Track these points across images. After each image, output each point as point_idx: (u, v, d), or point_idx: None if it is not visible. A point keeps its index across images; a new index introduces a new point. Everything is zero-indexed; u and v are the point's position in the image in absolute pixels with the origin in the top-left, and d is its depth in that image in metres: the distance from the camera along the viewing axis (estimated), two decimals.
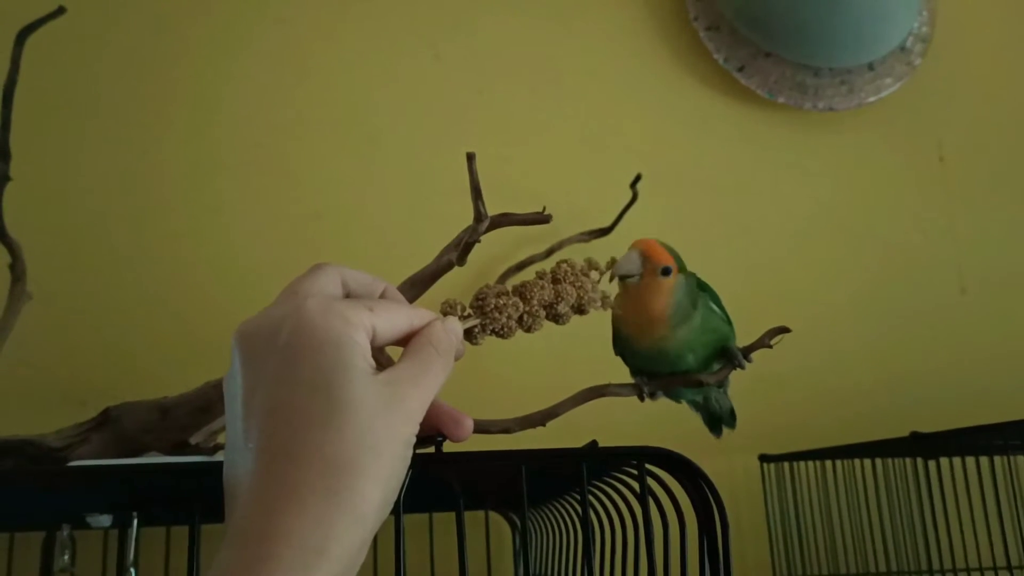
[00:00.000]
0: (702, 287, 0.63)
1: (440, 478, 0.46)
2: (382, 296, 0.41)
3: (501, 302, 0.46)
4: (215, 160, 1.04)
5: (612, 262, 0.55)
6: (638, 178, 1.04)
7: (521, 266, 1.05)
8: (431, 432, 0.40)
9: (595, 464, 0.47)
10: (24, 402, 0.87)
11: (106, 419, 0.66)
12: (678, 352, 0.60)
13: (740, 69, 1.17)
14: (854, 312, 1.16)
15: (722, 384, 0.66)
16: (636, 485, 0.51)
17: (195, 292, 0.97)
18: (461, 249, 0.57)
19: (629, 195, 1.05)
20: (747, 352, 0.61)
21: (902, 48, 1.21)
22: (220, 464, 0.37)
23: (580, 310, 0.49)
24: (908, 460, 0.89)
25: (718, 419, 0.70)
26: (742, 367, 0.60)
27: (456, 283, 1.04)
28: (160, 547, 0.86)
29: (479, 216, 0.53)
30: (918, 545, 0.86)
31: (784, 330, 0.59)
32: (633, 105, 1.17)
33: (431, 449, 0.43)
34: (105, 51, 1.04)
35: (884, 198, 1.20)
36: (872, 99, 1.19)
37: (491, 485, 0.65)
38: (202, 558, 0.49)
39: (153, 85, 1.04)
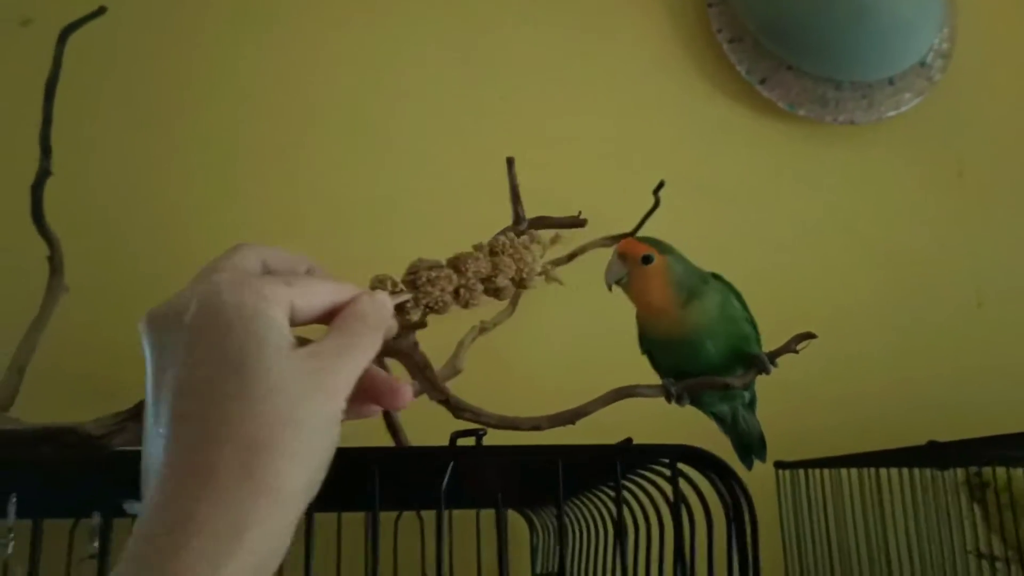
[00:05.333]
0: (728, 286, 0.64)
1: (478, 473, 0.47)
2: (307, 274, 0.39)
3: (433, 275, 0.44)
4: (238, 165, 1.06)
5: (556, 237, 0.53)
6: (661, 184, 1.05)
7: (541, 271, 1.06)
8: (367, 404, 0.38)
9: (628, 461, 0.48)
10: (56, 393, 0.88)
11: (143, 409, 0.67)
12: (696, 338, 0.62)
13: (762, 81, 1.18)
14: (871, 324, 1.17)
15: (750, 399, 0.67)
16: (663, 483, 0.53)
17: None
18: None
19: (651, 202, 1.07)
20: (773, 357, 0.62)
21: (922, 63, 1.22)
22: None
23: (521, 284, 0.47)
24: (926, 471, 0.90)
25: (748, 447, 0.72)
26: (767, 372, 0.62)
27: None
28: None
29: (518, 219, 0.54)
30: (932, 555, 0.87)
31: (810, 336, 0.60)
32: (656, 114, 1.19)
33: (471, 441, 0.44)
34: (141, 51, 1.06)
35: (903, 212, 1.21)
36: (892, 113, 1.20)
37: (514, 481, 0.67)
38: None
39: (179, 82, 1.06)
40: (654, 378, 0.69)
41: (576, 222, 0.59)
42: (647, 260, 0.62)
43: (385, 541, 0.88)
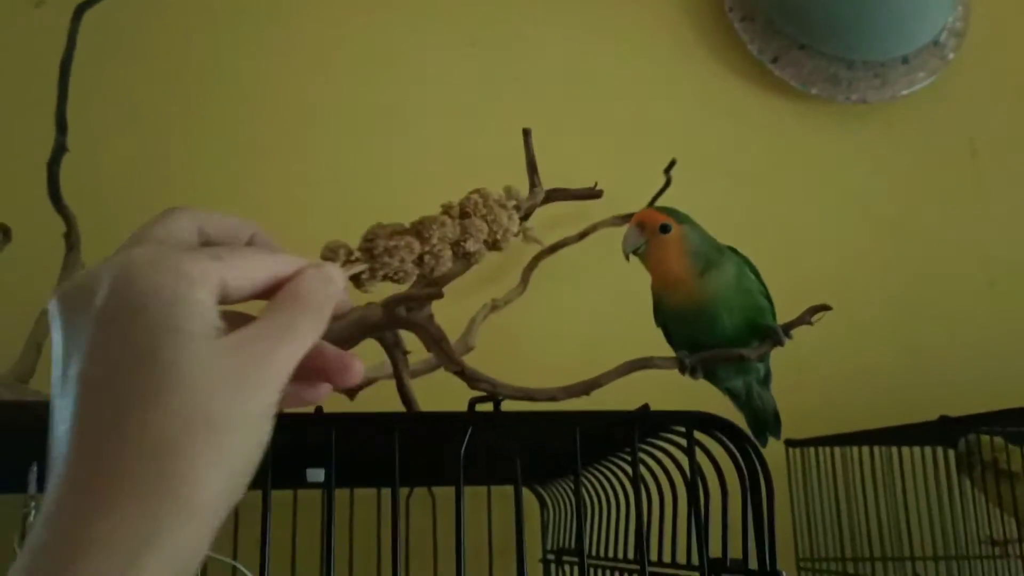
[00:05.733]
0: (743, 258, 0.65)
1: (493, 445, 0.47)
2: (250, 243, 0.35)
3: (392, 244, 0.40)
4: (263, 142, 1.06)
5: (534, 193, 0.51)
6: (672, 163, 1.06)
7: (553, 249, 1.07)
8: (315, 384, 0.35)
9: (646, 427, 0.48)
10: None
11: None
12: (712, 308, 0.63)
13: (774, 60, 1.18)
14: (883, 302, 1.17)
15: (765, 374, 0.68)
16: (677, 452, 0.53)
17: None
18: None
19: (662, 181, 1.07)
20: (787, 329, 0.62)
21: (936, 42, 1.21)
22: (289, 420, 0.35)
23: (495, 246, 0.44)
24: (938, 448, 0.90)
25: (763, 423, 0.72)
26: (781, 343, 0.62)
27: (488, 264, 1.06)
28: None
29: (535, 187, 0.55)
30: (946, 531, 0.87)
31: (825, 308, 0.60)
32: (667, 93, 1.19)
33: (489, 407, 0.44)
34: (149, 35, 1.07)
35: (915, 190, 1.21)
36: (905, 92, 1.20)
37: (527, 457, 0.67)
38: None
39: (190, 66, 1.07)
40: (668, 354, 0.69)
41: (592, 193, 0.59)
42: (665, 229, 0.62)
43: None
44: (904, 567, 0.95)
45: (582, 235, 1.09)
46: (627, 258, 0.65)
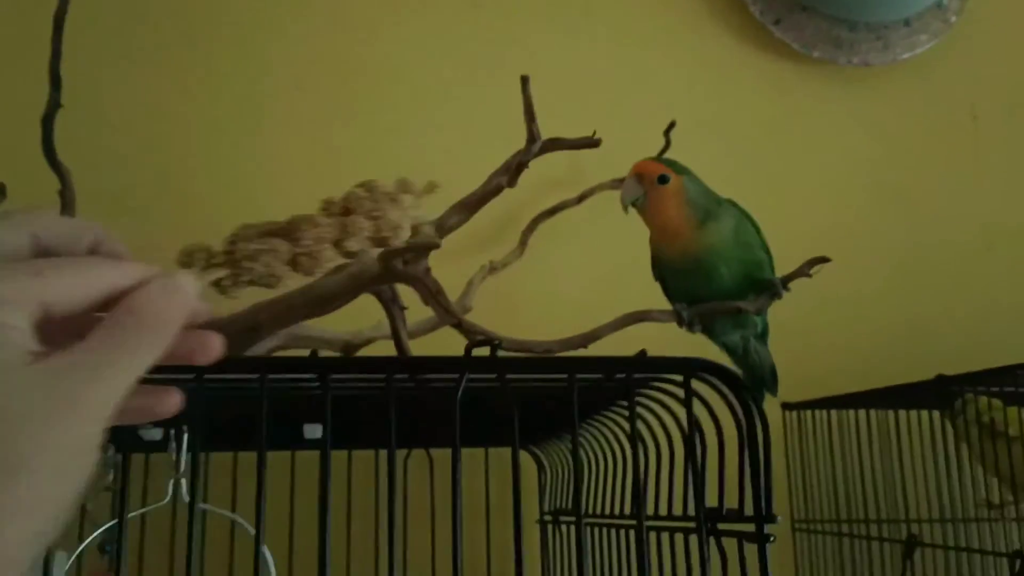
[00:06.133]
0: (743, 212, 0.64)
1: (489, 399, 0.47)
2: (92, 249, 0.32)
3: (254, 248, 0.38)
4: (259, 98, 1.05)
5: (431, 186, 0.48)
6: (672, 125, 1.05)
7: (552, 211, 1.07)
8: (161, 396, 0.33)
9: (642, 373, 0.48)
10: None
11: None
12: (710, 260, 0.62)
13: (776, 22, 1.17)
14: (880, 265, 1.16)
15: (762, 329, 0.67)
16: (670, 402, 0.53)
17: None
18: (513, 170, 0.58)
19: (661, 144, 1.06)
20: (786, 281, 0.62)
21: (939, 5, 1.20)
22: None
23: (383, 243, 0.42)
24: (934, 413, 0.90)
25: (760, 380, 0.72)
26: (779, 295, 0.62)
27: (485, 226, 1.06)
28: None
29: (532, 137, 0.54)
30: (943, 493, 0.87)
31: (824, 260, 0.60)
32: (667, 55, 1.18)
33: (486, 351, 0.44)
34: None
35: (915, 154, 1.20)
36: (907, 55, 1.19)
37: (523, 417, 0.67)
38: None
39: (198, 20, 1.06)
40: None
41: (590, 142, 0.58)
42: (663, 180, 0.62)
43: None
44: (900, 529, 0.95)
45: (580, 198, 1.08)
46: (625, 210, 0.64)
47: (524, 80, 0.52)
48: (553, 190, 1.08)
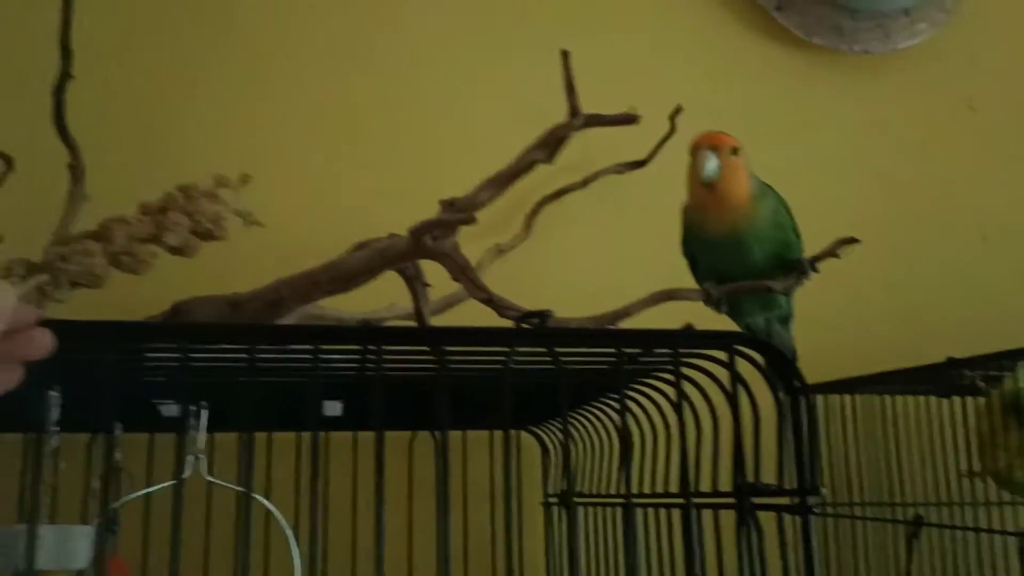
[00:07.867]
0: (779, 196, 0.64)
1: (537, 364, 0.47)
2: None
3: (67, 251, 0.40)
4: (253, 73, 1.05)
5: (245, 177, 0.49)
6: (678, 110, 1.05)
7: (558, 194, 1.07)
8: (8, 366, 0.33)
9: (685, 346, 0.48)
10: (83, 303, 0.88)
11: (176, 313, 0.67)
12: (753, 237, 0.62)
13: (778, 8, 1.18)
14: (879, 253, 1.17)
15: (787, 313, 0.68)
16: (701, 378, 0.53)
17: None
18: (552, 145, 0.58)
19: (663, 129, 1.06)
20: (814, 261, 0.62)
21: None
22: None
23: (207, 235, 0.44)
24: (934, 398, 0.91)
25: None
26: (807, 275, 0.62)
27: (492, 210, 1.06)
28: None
29: (574, 112, 0.54)
30: (951, 477, 0.88)
31: (853, 240, 0.60)
32: (669, 40, 1.18)
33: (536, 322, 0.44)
34: None
35: (913, 143, 1.22)
36: (906, 44, 1.20)
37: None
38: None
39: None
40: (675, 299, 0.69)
41: (628, 118, 0.58)
42: (735, 151, 0.61)
43: (400, 463, 0.88)
44: (907, 512, 0.96)
45: (584, 182, 1.08)
46: (706, 185, 0.61)
47: (565, 55, 0.52)
48: (557, 174, 1.08)
